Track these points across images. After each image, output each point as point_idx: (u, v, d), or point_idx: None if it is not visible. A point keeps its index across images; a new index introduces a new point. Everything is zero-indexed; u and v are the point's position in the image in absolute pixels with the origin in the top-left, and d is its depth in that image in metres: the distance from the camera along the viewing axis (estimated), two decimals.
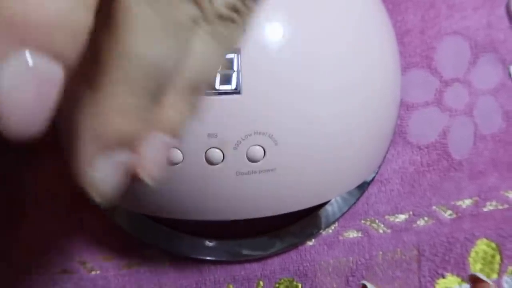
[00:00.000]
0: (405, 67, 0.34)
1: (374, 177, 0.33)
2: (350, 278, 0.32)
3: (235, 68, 0.22)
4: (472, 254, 0.33)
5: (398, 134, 0.34)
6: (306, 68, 0.23)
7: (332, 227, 0.33)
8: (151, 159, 0.12)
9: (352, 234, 0.33)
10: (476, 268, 0.33)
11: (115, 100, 0.11)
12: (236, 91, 0.22)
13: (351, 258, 0.33)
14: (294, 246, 0.32)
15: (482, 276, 0.24)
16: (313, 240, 0.33)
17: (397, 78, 0.29)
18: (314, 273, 0.32)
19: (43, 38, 0.09)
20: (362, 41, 0.25)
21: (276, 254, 0.32)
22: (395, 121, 0.31)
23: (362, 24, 0.26)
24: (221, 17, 0.12)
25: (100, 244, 0.32)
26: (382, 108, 0.27)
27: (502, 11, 0.35)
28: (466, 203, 0.33)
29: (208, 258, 0.32)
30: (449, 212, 0.33)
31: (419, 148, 0.34)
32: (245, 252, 0.32)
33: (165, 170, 0.16)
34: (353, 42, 0.25)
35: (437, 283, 0.33)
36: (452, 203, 0.33)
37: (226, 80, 0.22)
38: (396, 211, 0.33)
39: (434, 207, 0.33)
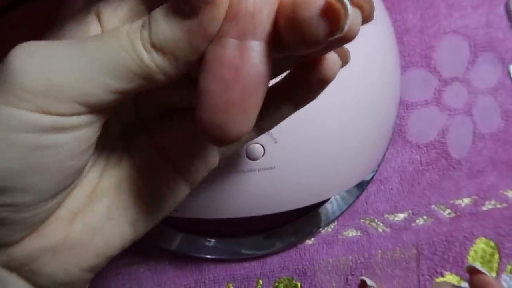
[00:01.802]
0: (405, 66, 0.34)
1: (373, 176, 0.33)
2: (350, 277, 0.32)
3: None
4: (471, 253, 0.33)
5: (398, 133, 0.34)
6: None
7: (332, 226, 0.33)
8: None
9: (352, 233, 0.33)
10: None
11: None
12: None
13: (350, 257, 0.33)
14: (294, 244, 0.32)
15: (480, 267, 0.24)
16: (312, 239, 0.33)
17: (396, 77, 0.29)
18: (314, 272, 0.32)
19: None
20: (361, 40, 0.25)
21: (276, 252, 0.32)
22: (394, 120, 0.31)
23: None
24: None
25: None
26: (382, 107, 0.27)
27: (501, 10, 0.35)
28: (465, 202, 0.34)
29: (208, 256, 0.32)
30: (448, 211, 0.33)
31: (418, 147, 0.34)
32: (244, 250, 0.32)
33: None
34: (352, 40, 0.25)
35: (436, 282, 0.33)
36: (451, 202, 0.34)
37: None
38: (395, 210, 0.33)
39: (433, 206, 0.33)
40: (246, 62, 0.12)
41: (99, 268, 0.16)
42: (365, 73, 0.25)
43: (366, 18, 0.13)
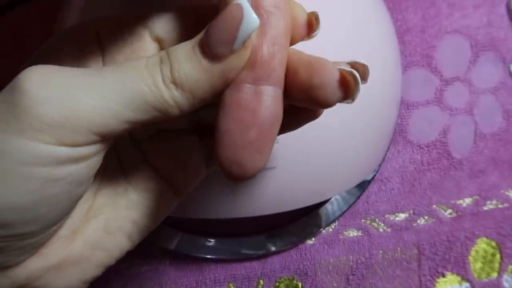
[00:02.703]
0: (406, 66, 0.34)
1: (374, 176, 0.33)
2: (350, 277, 0.32)
3: None
4: (472, 253, 0.33)
5: (399, 133, 0.34)
6: None
7: (332, 226, 0.33)
8: None
9: (352, 233, 0.33)
10: (476, 266, 0.33)
11: None
12: None
13: (351, 257, 0.33)
14: (294, 244, 0.32)
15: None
16: (313, 238, 0.33)
17: (397, 77, 0.29)
18: (314, 272, 0.32)
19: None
20: (362, 39, 0.25)
21: (276, 252, 0.32)
22: (395, 120, 0.31)
23: (362, 22, 0.26)
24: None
25: None
26: (383, 106, 0.27)
27: (502, 9, 0.35)
28: (466, 202, 0.33)
29: (208, 256, 0.32)
30: (449, 211, 0.33)
31: (420, 147, 0.34)
32: (245, 250, 0.32)
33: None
34: (354, 40, 0.25)
35: (437, 282, 0.33)
36: (452, 202, 0.33)
37: None
38: (396, 210, 0.33)
39: (434, 206, 0.33)
40: (262, 105, 0.13)
41: (96, 278, 0.17)
42: None
43: (361, 79, 0.15)
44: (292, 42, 0.15)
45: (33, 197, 0.13)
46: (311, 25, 0.15)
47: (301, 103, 0.15)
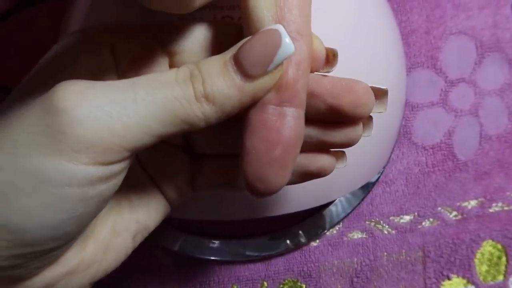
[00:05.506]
0: (410, 67, 0.34)
1: (378, 177, 0.33)
2: (355, 279, 0.32)
3: None
4: (478, 255, 0.33)
5: (403, 135, 0.34)
6: None
7: (337, 228, 0.33)
8: None
9: (357, 235, 0.33)
10: (482, 269, 0.33)
11: None
12: None
13: (355, 259, 0.33)
14: (298, 246, 0.32)
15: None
16: (317, 240, 0.33)
17: (402, 78, 0.29)
18: (319, 274, 0.32)
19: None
20: (367, 41, 0.25)
21: (280, 254, 0.32)
22: (400, 122, 0.31)
23: (367, 24, 0.26)
24: None
25: None
26: (387, 108, 0.27)
27: (508, 10, 0.35)
28: (471, 204, 0.33)
29: (212, 258, 0.32)
30: (455, 213, 0.33)
31: (424, 148, 0.34)
32: (249, 252, 0.32)
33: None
34: (358, 42, 0.25)
35: (442, 285, 0.33)
36: (458, 204, 0.33)
37: None
38: (401, 212, 0.33)
39: (439, 208, 0.33)
40: (286, 126, 0.14)
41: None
42: (370, 74, 0.25)
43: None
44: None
45: (65, 216, 0.13)
46: (328, 60, 0.16)
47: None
